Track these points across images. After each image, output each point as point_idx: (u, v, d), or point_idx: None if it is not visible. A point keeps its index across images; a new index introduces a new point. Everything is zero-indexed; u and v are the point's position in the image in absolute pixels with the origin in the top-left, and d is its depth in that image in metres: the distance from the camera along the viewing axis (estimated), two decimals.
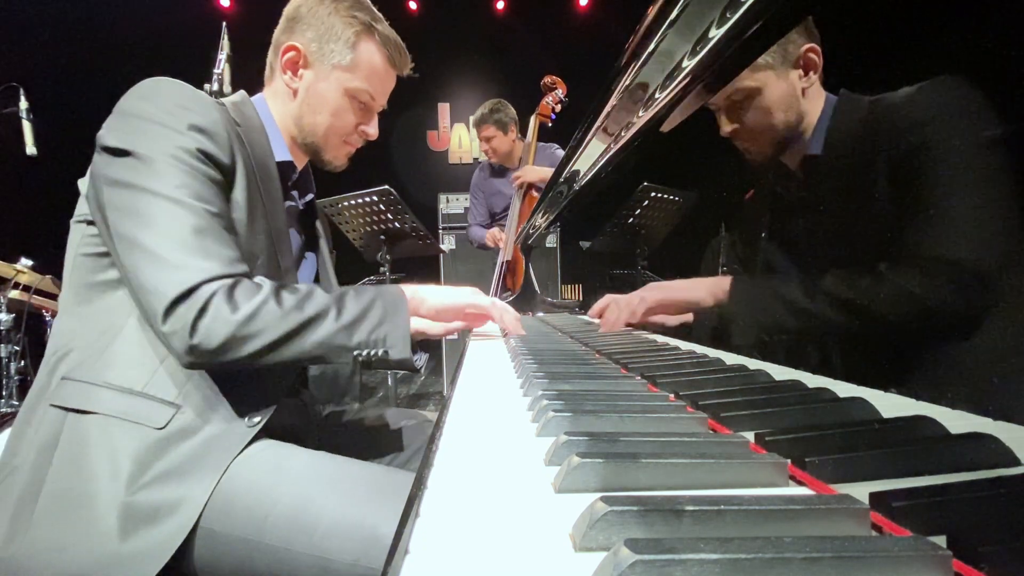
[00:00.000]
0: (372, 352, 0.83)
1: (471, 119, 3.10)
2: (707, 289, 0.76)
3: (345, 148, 1.06)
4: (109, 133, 0.78)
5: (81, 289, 0.83)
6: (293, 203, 1.06)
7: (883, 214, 0.42)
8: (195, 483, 0.74)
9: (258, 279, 0.80)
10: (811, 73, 0.53)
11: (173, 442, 0.76)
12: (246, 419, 0.81)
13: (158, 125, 0.78)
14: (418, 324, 0.93)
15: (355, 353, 0.82)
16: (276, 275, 0.91)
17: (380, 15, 1.02)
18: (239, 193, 0.85)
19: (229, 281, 0.76)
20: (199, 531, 0.71)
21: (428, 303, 0.96)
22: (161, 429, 0.76)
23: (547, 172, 2.68)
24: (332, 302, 0.82)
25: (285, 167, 0.99)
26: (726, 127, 0.65)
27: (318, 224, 1.13)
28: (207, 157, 0.80)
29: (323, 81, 0.98)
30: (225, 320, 0.73)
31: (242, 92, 1.01)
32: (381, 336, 0.84)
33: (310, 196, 1.12)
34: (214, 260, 0.76)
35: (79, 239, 0.84)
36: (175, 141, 0.78)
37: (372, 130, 1.06)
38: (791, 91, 0.55)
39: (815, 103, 0.52)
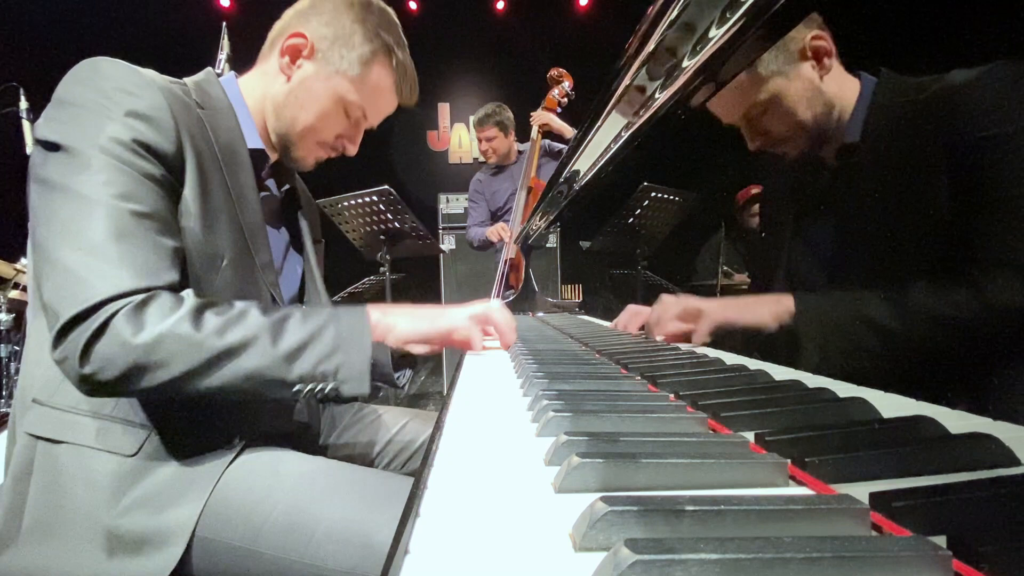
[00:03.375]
0: (318, 388, 0.71)
1: (472, 119, 3.12)
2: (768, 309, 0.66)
3: (317, 152, 0.97)
4: (44, 124, 0.70)
5: (37, 300, 0.75)
6: (269, 193, 0.98)
7: (923, 209, 0.39)
8: (175, 514, 0.70)
9: (184, 293, 0.70)
10: (824, 60, 0.49)
11: (148, 470, 0.72)
12: (224, 442, 0.75)
13: (92, 113, 0.70)
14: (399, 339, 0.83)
15: (295, 388, 0.70)
16: (250, 276, 0.84)
17: (404, 41, 0.97)
18: (190, 187, 0.76)
19: (140, 297, 0.65)
20: (195, 540, 0.69)
21: (397, 332, 0.82)
22: (132, 456, 0.72)
23: (566, 127, 2.73)
24: (267, 326, 0.70)
25: (255, 155, 0.89)
26: (754, 143, 0.61)
27: (300, 216, 1.03)
28: (145, 148, 0.71)
29: (320, 80, 0.91)
30: (123, 345, 0.63)
31: (208, 70, 0.91)
32: (331, 368, 0.71)
33: (288, 185, 1.02)
34: (127, 270, 0.66)
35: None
36: (108, 131, 0.69)
37: (352, 147, 0.99)
38: (809, 86, 0.50)
39: (844, 87, 0.47)
